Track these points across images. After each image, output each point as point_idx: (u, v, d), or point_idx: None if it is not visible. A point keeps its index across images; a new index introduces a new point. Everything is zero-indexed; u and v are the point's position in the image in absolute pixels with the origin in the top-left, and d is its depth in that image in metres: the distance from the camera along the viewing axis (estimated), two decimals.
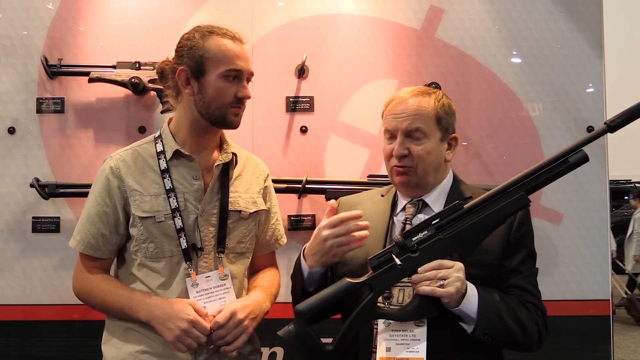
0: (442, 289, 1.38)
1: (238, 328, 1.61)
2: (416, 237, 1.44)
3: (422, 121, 1.54)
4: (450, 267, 1.40)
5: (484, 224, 1.44)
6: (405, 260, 1.43)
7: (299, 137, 2.42)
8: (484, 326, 1.41)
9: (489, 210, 1.44)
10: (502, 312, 1.44)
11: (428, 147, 1.55)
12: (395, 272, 1.43)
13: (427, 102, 1.56)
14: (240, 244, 1.75)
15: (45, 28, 2.39)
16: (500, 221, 1.46)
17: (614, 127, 1.45)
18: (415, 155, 1.54)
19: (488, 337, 1.42)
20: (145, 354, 1.64)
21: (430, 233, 1.44)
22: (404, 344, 1.44)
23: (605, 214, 2.43)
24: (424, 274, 1.40)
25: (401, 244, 1.44)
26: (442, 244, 1.43)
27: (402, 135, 1.55)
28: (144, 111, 2.40)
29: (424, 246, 1.43)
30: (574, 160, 1.45)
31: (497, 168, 2.41)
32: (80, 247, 1.69)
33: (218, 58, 1.64)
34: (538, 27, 2.46)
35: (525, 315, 1.47)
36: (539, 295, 1.55)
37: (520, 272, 1.53)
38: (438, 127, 1.56)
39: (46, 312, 2.35)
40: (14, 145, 2.38)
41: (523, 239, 1.55)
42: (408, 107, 1.55)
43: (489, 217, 1.44)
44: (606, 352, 2.39)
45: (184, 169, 1.69)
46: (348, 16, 2.45)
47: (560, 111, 2.44)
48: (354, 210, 1.49)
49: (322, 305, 1.45)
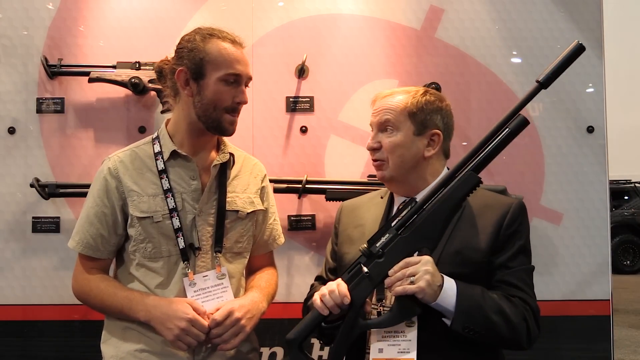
0: (412, 286, 1.38)
1: (235, 327, 1.61)
2: (379, 242, 1.45)
3: (391, 114, 1.57)
4: (416, 262, 1.41)
5: (440, 212, 1.43)
6: (373, 267, 1.44)
7: (299, 137, 2.43)
8: (462, 319, 1.40)
9: (442, 198, 1.44)
10: (483, 306, 1.43)
11: (396, 140, 1.57)
12: (366, 281, 1.44)
13: (400, 98, 1.59)
14: (238, 244, 1.75)
15: (45, 28, 2.39)
16: (456, 205, 1.45)
17: (545, 83, 1.46)
18: (384, 147, 1.58)
19: (468, 331, 1.41)
20: (144, 352, 1.64)
21: (391, 235, 1.44)
22: (395, 345, 1.45)
23: (605, 214, 2.43)
24: (394, 275, 1.42)
25: (367, 253, 1.45)
26: (404, 243, 1.44)
27: (376, 129, 1.61)
28: (144, 111, 2.40)
29: (388, 249, 1.44)
30: (514, 127, 1.43)
31: (497, 168, 2.41)
32: (79, 248, 1.70)
33: (218, 61, 1.64)
34: (538, 27, 2.46)
35: (510, 310, 1.45)
36: (530, 291, 1.52)
37: (508, 268, 1.52)
38: (411, 121, 1.57)
39: (46, 312, 2.35)
40: (14, 145, 2.38)
41: (513, 237, 1.54)
42: (382, 103, 1.60)
43: (443, 205, 1.43)
44: (606, 352, 2.39)
45: (181, 169, 1.69)
46: (348, 16, 2.45)
47: (560, 111, 2.44)
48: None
49: (310, 330, 1.47)
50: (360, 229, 1.65)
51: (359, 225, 1.67)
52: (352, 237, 1.67)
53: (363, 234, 1.59)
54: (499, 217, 1.54)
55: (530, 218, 2.35)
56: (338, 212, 1.79)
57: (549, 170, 2.44)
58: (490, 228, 1.52)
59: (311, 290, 1.74)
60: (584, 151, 2.44)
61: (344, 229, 1.72)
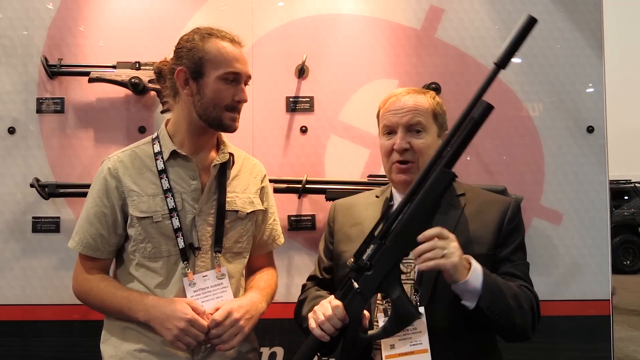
0: (446, 261, 1.35)
1: (234, 327, 1.61)
2: (365, 254, 1.43)
3: (421, 115, 1.58)
4: (447, 237, 1.39)
5: (418, 213, 1.40)
6: (362, 281, 1.42)
7: (299, 137, 2.42)
8: (489, 298, 1.40)
9: (419, 200, 1.40)
10: (502, 289, 1.43)
11: (428, 141, 1.58)
12: (359, 297, 1.43)
13: (423, 99, 1.61)
14: (237, 244, 1.75)
15: (45, 28, 2.39)
16: (435, 204, 1.41)
17: (501, 64, 1.42)
18: (416, 148, 1.57)
19: (491, 311, 1.40)
20: (144, 352, 1.64)
21: (375, 245, 1.42)
22: (406, 339, 1.44)
23: (605, 214, 2.43)
24: (425, 245, 1.37)
25: (354, 267, 1.44)
26: (390, 251, 1.41)
27: (403, 130, 1.59)
28: (144, 111, 2.40)
29: (375, 260, 1.42)
30: (479, 114, 1.38)
31: (497, 168, 2.41)
32: (79, 248, 1.70)
33: (217, 60, 1.64)
34: (538, 27, 2.43)
35: (521, 297, 1.47)
36: (532, 284, 1.56)
37: (510, 261, 1.55)
38: (435, 123, 1.61)
39: (46, 312, 2.35)
40: (14, 145, 2.38)
41: (514, 232, 1.57)
42: (407, 103, 1.60)
43: (420, 206, 1.40)
44: (606, 352, 2.39)
45: (181, 169, 1.70)
46: (348, 16, 2.45)
47: (560, 111, 2.44)
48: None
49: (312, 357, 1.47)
50: (359, 227, 1.65)
51: (357, 223, 1.67)
52: (349, 235, 1.67)
53: (362, 232, 1.59)
54: (500, 213, 1.57)
55: (530, 218, 2.39)
56: (331, 211, 1.79)
57: (549, 170, 2.44)
58: (493, 223, 1.55)
59: (304, 293, 1.74)
60: (584, 151, 2.44)
61: (340, 227, 1.72)
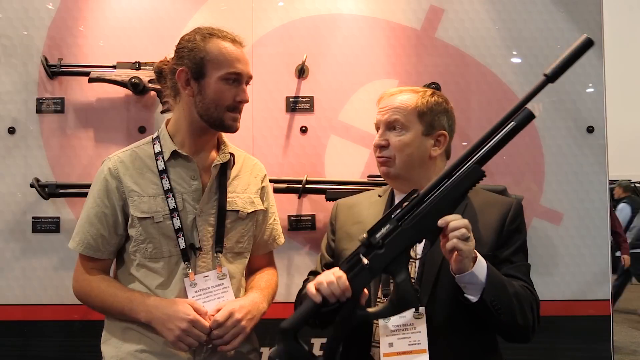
0: (465, 245, 1.36)
1: (236, 328, 1.62)
2: (379, 233, 1.42)
3: (400, 114, 1.59)
4: (470, 228, 1.39)
5: (443, 204, 1.41)
6: (373, 258, 1.42)
7: (299, 137, 2.42)
8: (493, 292, 1.39)
9: (445, 190, 1.41)
10: (506, 285, 1.44)
11: (405, 139, 1.59)
12: (366, 272, 1.42)
13: (409, 98, 1.61)
14: (238, 244, 1.75)
15: (45, 28, 2.39)
16: (459, 198, 1.42)
17: (552, 77, 1.42)
18: (392, 145, 1.60)
19: (494, 305, 1.40)
20: (144, 353, 1.64)
21: (392, 226, 1.42)
22: (405, 338, 1.44)
23: (605, 214, 2.43)
24: (457, 222, 1.37)
25: (366, 243, 1.43)
26: (405, 234, 1.41)
27: (383, 127, 1.62)
28: (144, 111, 2.40)
29: (389, 240, 1.41)
30: (520, 120, 1.40)
31: (497, 168, 2.41)
32: (80, 248, 1.70)
33: (219, 61, 1.64)
34: (538, 27, 2.46)
35: (523, 296, 1.47)
36: (533, 286, 1.55)
37: (511, 262, 1.55)
38: (420, 121, 1.60)
39: (46, 312, 2.35)
40: (14, 145, 2.38)
41: (516, 233, 1.57)
42: (391, 102, 1.62)
43: (446, 197, 1.41)
44: (606, 352, 2.39)
45: (181, 169, 1.69)
46: (348, 16, 2.45)
47: (560, 111, 2.44)
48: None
49: (305, 320, 1.44)
50: (360, 226, 1.65)
51: (358, 222, 1.67)
52: (351, 233, 1.67)
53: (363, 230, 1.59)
54: (502, 214, 1.57)
55: (530, 218, 2.39)
56: (334, 210, 1.79)
57: (549, 170, 2.44)
58: (494, 224, 1.55)
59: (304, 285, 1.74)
60: (584, 151, 2.44)
61: (341, 225, 1.73)
